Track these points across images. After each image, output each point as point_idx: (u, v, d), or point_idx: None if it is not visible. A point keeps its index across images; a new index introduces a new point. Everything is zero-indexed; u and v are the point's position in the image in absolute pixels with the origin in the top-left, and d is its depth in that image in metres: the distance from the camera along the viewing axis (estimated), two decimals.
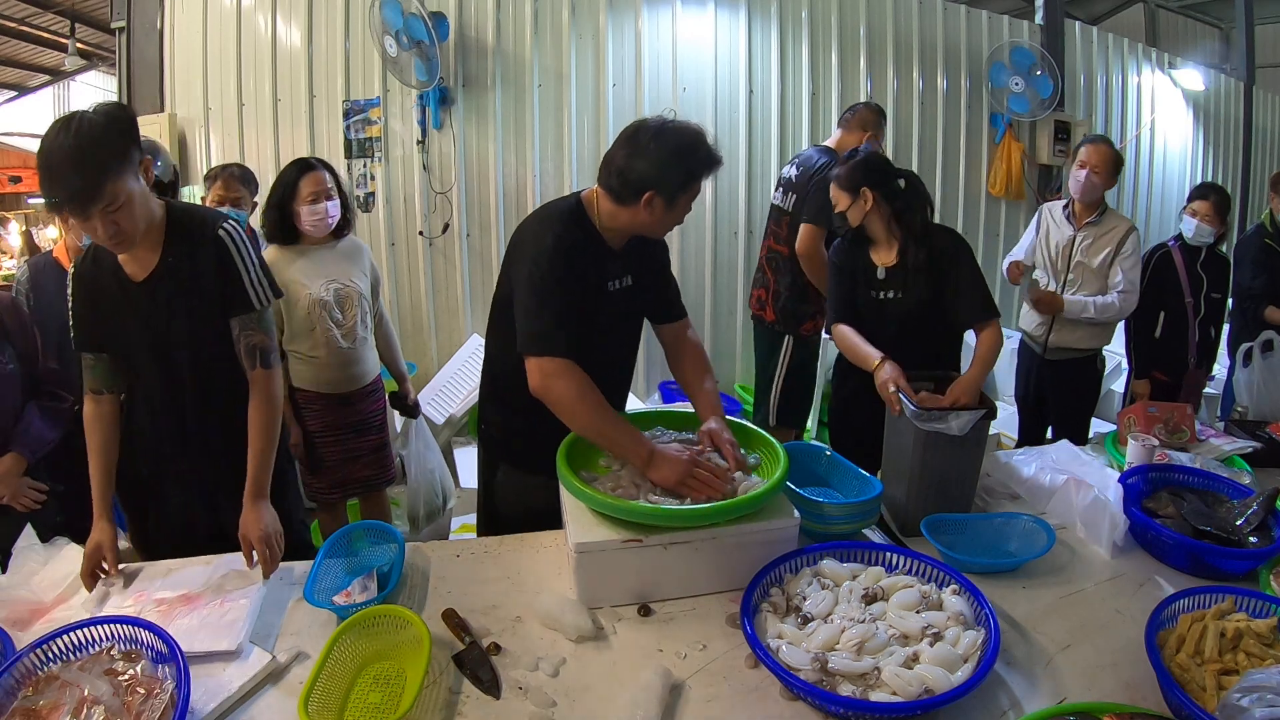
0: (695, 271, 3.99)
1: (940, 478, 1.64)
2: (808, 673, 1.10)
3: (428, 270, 3.69)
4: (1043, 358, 2.86)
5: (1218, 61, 7.14)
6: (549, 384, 1.45)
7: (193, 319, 1.50)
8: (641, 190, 1.46)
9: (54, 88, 11.82)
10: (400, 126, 3.59)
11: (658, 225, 1.53)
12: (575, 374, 1.44)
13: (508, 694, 1.16)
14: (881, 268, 2.04)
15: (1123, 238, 2.70)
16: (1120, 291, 2.70)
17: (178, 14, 3.54)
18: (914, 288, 1.99)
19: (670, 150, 1.45)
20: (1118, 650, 1.24)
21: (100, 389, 1.53)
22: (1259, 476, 1.80)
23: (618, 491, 1.45)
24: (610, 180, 1.49)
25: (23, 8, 8.70)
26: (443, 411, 3.38)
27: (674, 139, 1.46)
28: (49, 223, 9.99)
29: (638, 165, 1.45)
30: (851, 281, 2.08)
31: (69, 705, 1.04)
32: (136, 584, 1.42)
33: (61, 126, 1.28)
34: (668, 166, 1.45)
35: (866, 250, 2.09)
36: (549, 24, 3.65)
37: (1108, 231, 2.72)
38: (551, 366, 1.44)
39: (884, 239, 2.05)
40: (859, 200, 2.03)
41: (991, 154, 4.44)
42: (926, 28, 4.21)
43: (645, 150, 1.45)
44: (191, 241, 1.49)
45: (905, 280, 2.00)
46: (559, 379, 1.44)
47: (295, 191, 2.21)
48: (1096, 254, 2.73)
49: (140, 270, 1.47)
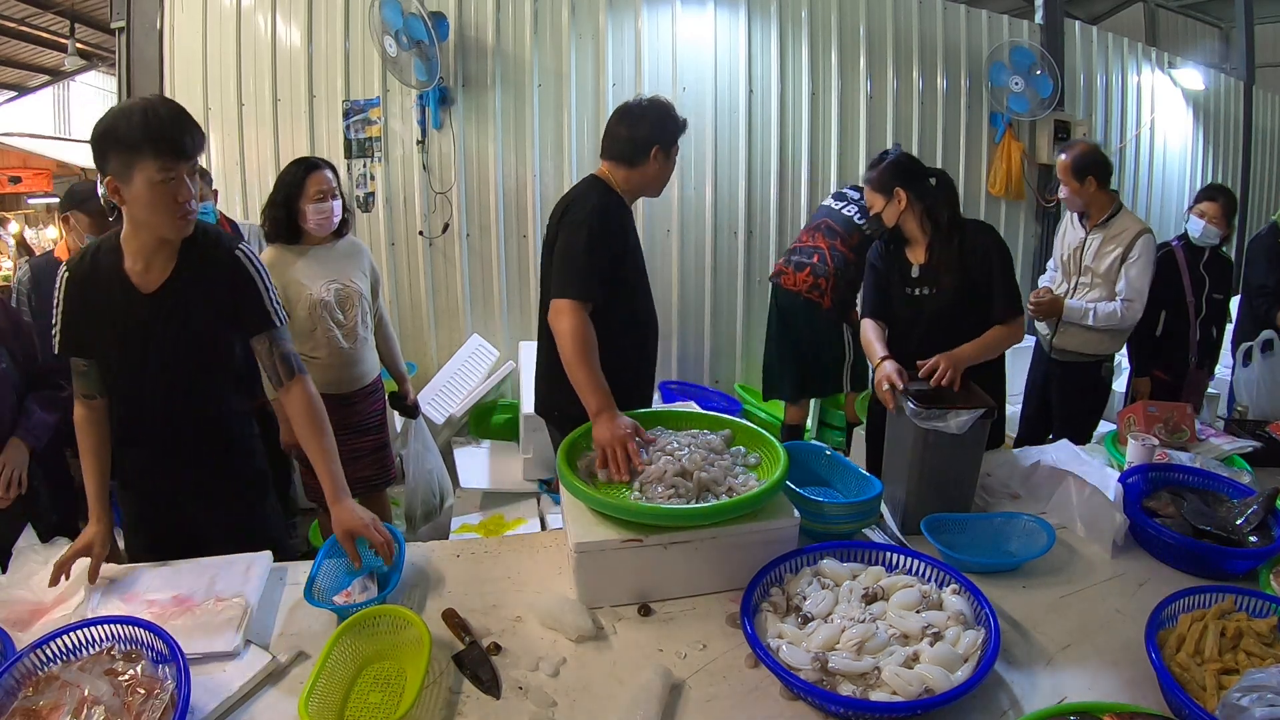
0: (695, 271, 3.99)
1: (940, 477, 1.64)
2: (808, 672, 1.10)
3: (427, 270, 3.69)
4: (1050, 357, 2.86)
5: (1218, 61, 7.14)
6: (561, 321, 1.72)
7: (199, 335, 1.49)
8: (649, 147, 1.86)
9: (54, 88, 11.81)
10: (400, 126, 3.59)
11: (660, 178, 1.93)
12: (585, 324, 1.72)
13: (508, 694, 1.16)
14: (915, 265, 2.08)
15: (1131, 241, 2.61)
16: (1124, 300, 2.62)
17: (178, 14, 3.54)
18: (946, 283, 2.03)
19: (662, 112, 1.89)
20: (1118, 650, 1.24)
21: (93, 394, 1.50)
22: (1259, 476, 1.80)
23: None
24: (620, 148, 1.88)
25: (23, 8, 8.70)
26: (442, 412, 3.38)
27: (660, 105, 1.90)
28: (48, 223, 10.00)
29: (641, 128, 1.86)
30: (885, 280, 2.15)
31: (69, 705, 1.04)
32: (129, 586, 1.41)
33: (142, 98, 1.33)
34: (663, 124, 1.88)
35: (902, 250, 2.14)
36: (549, 24, 3.65)
37: (1117, 234, 2.64)
38: (571, 308, 1.72)
39: (918, 237, 2.09)
40: (893, 201, 2.07)
41: (991, 154, 4.43)
42: (926, 27, 4.21)
43: (644, 117, 1.87)
44: (207, 259, 1.47)
45: (937, 276, 2.04)
46: (571, 319, 1.71)
47: (301, 190, 2.21)
48: (1105, 257, 2.66)
49: (150, 282, 1.44)
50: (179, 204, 1.34)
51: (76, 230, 2.32)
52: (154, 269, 1.44)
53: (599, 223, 1.80)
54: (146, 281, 1.45)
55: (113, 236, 1.46)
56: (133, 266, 1.44)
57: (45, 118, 11.66)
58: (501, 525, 2.97)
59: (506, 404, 3.59)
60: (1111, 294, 2.66)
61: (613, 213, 1.85)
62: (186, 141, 1.32)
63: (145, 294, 1.45)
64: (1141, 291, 2.61)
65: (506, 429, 3.45)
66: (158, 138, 1.29)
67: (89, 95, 11.93)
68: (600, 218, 1.80)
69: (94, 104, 11.90)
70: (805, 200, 4.07)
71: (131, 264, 1.44)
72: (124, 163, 1.30)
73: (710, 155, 3.89)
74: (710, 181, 3.91)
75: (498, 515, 3.03)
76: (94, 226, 2.30)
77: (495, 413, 3.52)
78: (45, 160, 10.26)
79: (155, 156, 1.29)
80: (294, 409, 1.52)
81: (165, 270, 1.45)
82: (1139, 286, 2.60)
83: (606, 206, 1.84)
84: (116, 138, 1.29)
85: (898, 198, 2.05)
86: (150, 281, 1.45)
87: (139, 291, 1.44)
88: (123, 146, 1.29)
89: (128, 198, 1.33)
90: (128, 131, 1.28)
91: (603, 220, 1.81)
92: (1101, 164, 2.67)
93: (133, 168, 1.30)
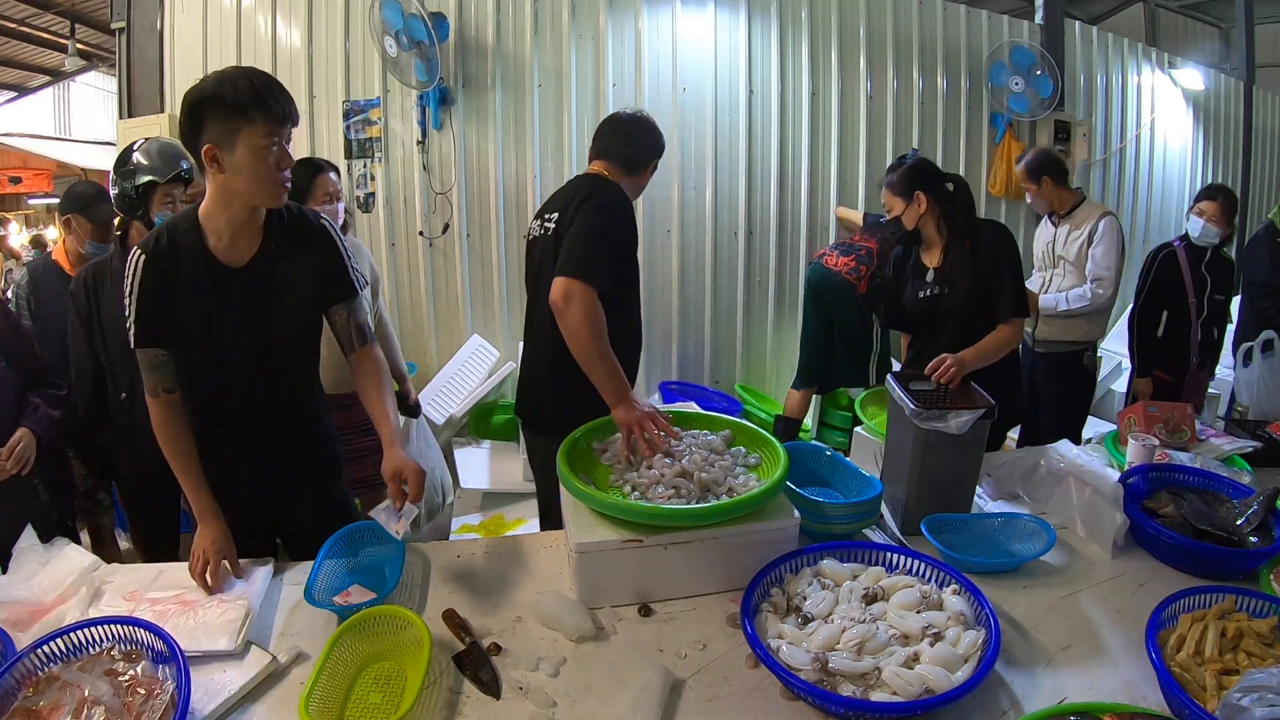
0: (695, 271, 3.99)
1: (940, 477, 1.64)
2: (808, 673, 1.10)
3: (428, 270, 3.69)
4: (1034, 351, 2.92)
5: (1218, 61, 7.13)
6: (573, 302, 1.64)
7: (292, 306, 1.47)
8: (650, 159, 1.97)
9: (54, 88, 11.81)
10: (400, 127, 3.59)
11: (642, 189, 2.02)
12: (598, 309, 1.66)
13: (508, 694, 1.16)
14: (931, 268, 2.12)
15: (1094, 224, 2.80)
16: (1093, 279, 2.80)
17: (178, 14, 3.54)
18: (960, 285, 2.06)
19: (656, 130, 1.98)
20: (1118, 650, 1.24)
21: (172, 387, 1.44)
22: (1259, 476, 1.80)
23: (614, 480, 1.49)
24: (622, 154, 1.93)
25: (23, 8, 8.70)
26: (443, 411, 3.38)
27: (651, 123, 1.98)
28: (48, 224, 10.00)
29: (645, 140, 1.95)
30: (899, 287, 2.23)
31: (69, 706, 1.04)
32: (130, 585, 1.40)
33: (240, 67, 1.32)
34: (659, 141, 1.99)
35: (918, 254, 2.19)
36: (549, 24, 3.65)
37: (1081, 221, 2.85)
38: (582, 290, 1.65)
39: (935, 240, 2.13)
40: (913, 204, 2.11)
41: (991, 154, 4.43)
42: (926, 27, 4.20)
43: (650, 130, 1.97)
44: (294, 229, 1.46)
45: (951, 278, 2.08)
46: (585, 303, 1.64)
47: (309, 193, 2.22)
48: (1073, 244, 2.86)
49: (239, 257, 1.41)
50: (279, 172, 1.34)
51: (77, 233, 2.32)
52: (241, 243, 1.41)
53: (621, 215, 1.84)
54: (234, 256, 1.41)
55: (187, 215, 1.42)
56: (218, 244, 1.40)
57: (45, 118, 11.66)
58: (502, 525, 2.97)
59: (506, 404, 3.60)
60: (1084, 279, 2.85)
61: (629, 213, 1.90)
62: (290, 108, 1.33)
63: (236, 269, 1.41)
64: (1109, 269, 2.79)
65: (506, 429, 3.46)
66: (266, 102, 1.29)
67: (89, 96, 11.94)
68: (623, 206, 1.86)
69: (94, 104, 11.91)
70: (805, 200, 4.07)
71: (216, 241, 1.39)
72: (229, 128, 1.28)
73: (710, 155, 3.89)
74: (710, 181, 3.91)
75: (498, 515, 3.04)
76: (95, 233, 2.30)
77: (495, 413, 3.52)
78: (45, 161, 10.27)
79: (264, 121, 1.29)
80: (363, 370, 1.54)
81: (254, 245, 1.42)
82: (1105, 264, 2.78)
83: (627, 205, 1.89)
84: (222, 102, 1.27)
85: (918, 201, 2.10)
86: (239, 256, 1.41)
87: (228, 268, 1.40)
88: (229, 111, 1.27)
89: (228, 166, 1.31)
90: (235, 96, 1.27)
91: (625, 215, 1.86)
92: (1052, 163, 2.93)
93: (238, 133, 1.28)
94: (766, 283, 4.11)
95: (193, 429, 1.48)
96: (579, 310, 1.63)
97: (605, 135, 1.95)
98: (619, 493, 1.48)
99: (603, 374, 1.65)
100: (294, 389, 1.57)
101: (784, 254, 4.10)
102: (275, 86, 1.32)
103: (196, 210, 1.41)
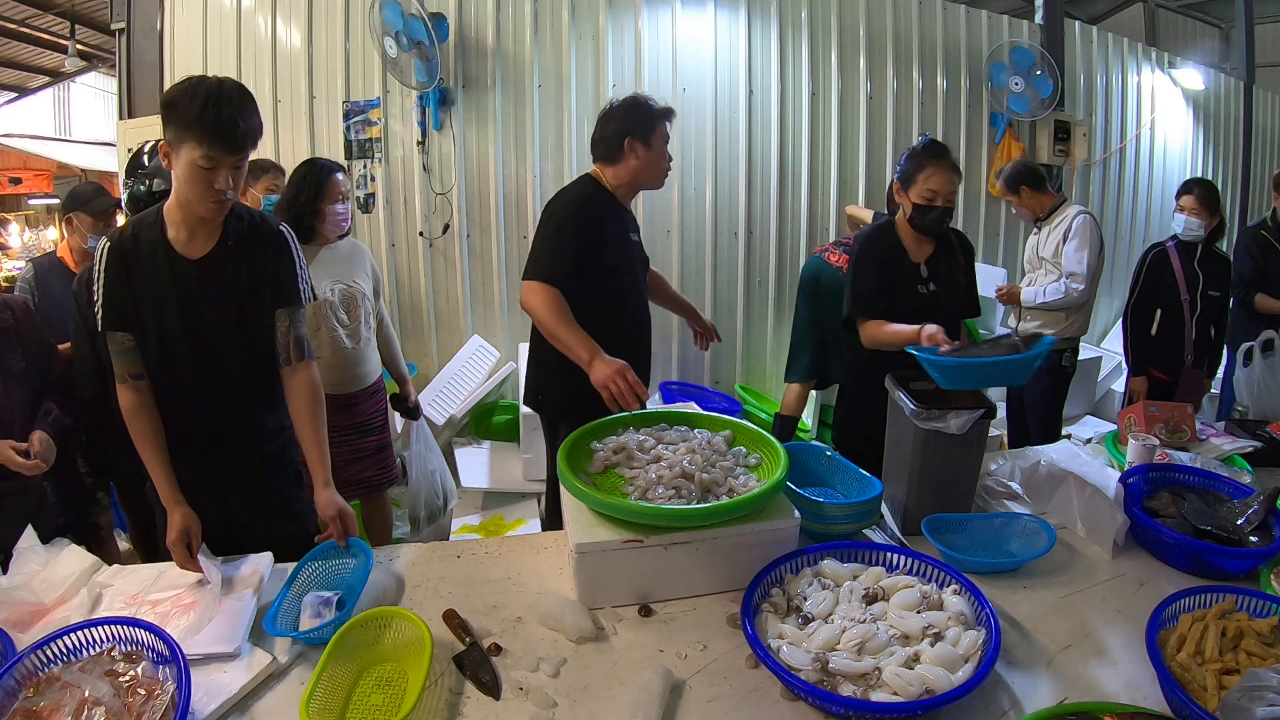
0: (695, 271, 3.99)
1: (940, 477, 1.64)
2: (808, 673, 1.10)
3: (428, 271, 3.69)
4: None
5: (1218, 61, 7.13)
6: (531, 298, 1.83)
7: (241, 304, 1.50)
8: (621, 140, 1.94)
9: (54, 89, 11.79)
10: (400, 127, 3.59)
11: (648, 168, 1.98)
12: (553, 294, 1.82)
13: (508, 695, 1.16)
14: (922, 265, 2.08)
15: (1070, 222, 2.93)
16: (1067, 274, 2.91)
17: (178, 15, 3.53)
18: (950, 280, 2.09)
19: (629, 105, 1.97)
20: (1118, 650, 1.24)
21: (139, 373, 1.48)
22: (1259, 476, 1.80)
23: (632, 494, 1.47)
24: (599, 148, 1.98)
25: (23, 9, 8.69)
26: (443, 412, 3.38)
27: (629, 100, 1.98)
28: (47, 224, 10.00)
29: (611, 124, 1.96)
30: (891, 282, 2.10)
31: (70, 706, 1.04)
32: (131, 586, 1.41)
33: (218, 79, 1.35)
34: (631, 115, 1.95)
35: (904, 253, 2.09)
36: (549, 24, 3.65)
37: (1059, 223, 2.99)
38: (539, 286, 1.83)
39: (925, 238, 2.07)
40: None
41: (991, 154, 4.43)
42: (926, 28, 4.20)
43: (613, 114, 1.97)
44: (252, 231, 1.51)
45: (941, 273, 2.09)
46: (540, 294, 1.82)
47: (324, 193, 2.23)
48: (1051, 244, 3.00)
49: (197, 249, 1.46)
50: (213, 190, 1.37)
51: (79, 231, 2.33)
52: (198, 238, 1.47)
53: (571, 213, 1.90)
54: (191, 249, 1.47)
55: (153, 212, 1.48)
56: (177, 236, 1.46)
57: (45, 119, 11.64)
58: (502, 526, 2.97)
59: (507, 404, 3.60)
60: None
61: (592, 207, 1.94)
62: (237, 136, 1.34)
63: (191, 260, 1.46)
64: (1081, 263, 2.90)
65: (507, 429, 3.46)
66: (211, 127, 1.31)
67: (89, 96, 11.92)
68: (574, 209, 1.92)
69: (94, 105, 11.91)
70: (805, 200, 4.08)
71: (175, 233, 1.46)
72: (176, 136, 1.35)
73: (710, 155, 3.89)
74: (710, 181, 3.91)
75: (498, 516, 3.03)
76: (96, 227, 2.31)
77: (496, 413, 3.52)
78: (46, 161, 10.26)
79: (201, 144, 1.32)
80: (297, 391, 1.54)
81: (210, 240, 1.48)
82: (1077, 258, 2.91)
83: (586, 200, 1.94)
84: (176, 111, 1.33)
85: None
86: (195, 249, 1.47)
87: (185, 259, 1.46)
88: (177, 122, 1.33)
89: (174, 167, 1.37)
90: (185, 110, 1.32)
91: (578, 212, 1.91)
92: (1027, 172, 3.09)
93: (182, 144, 1.34)
94: (766, 283, 4.11)
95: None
96: (534, 299, 1.83)
97: (592, 136, 2.02)
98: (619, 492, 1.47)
99: (568, 341, 1.77)
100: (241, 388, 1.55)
101: (784, 254, 4.10)
102: (230, 115, 1.32)
103: (163, 205, 1.46)
